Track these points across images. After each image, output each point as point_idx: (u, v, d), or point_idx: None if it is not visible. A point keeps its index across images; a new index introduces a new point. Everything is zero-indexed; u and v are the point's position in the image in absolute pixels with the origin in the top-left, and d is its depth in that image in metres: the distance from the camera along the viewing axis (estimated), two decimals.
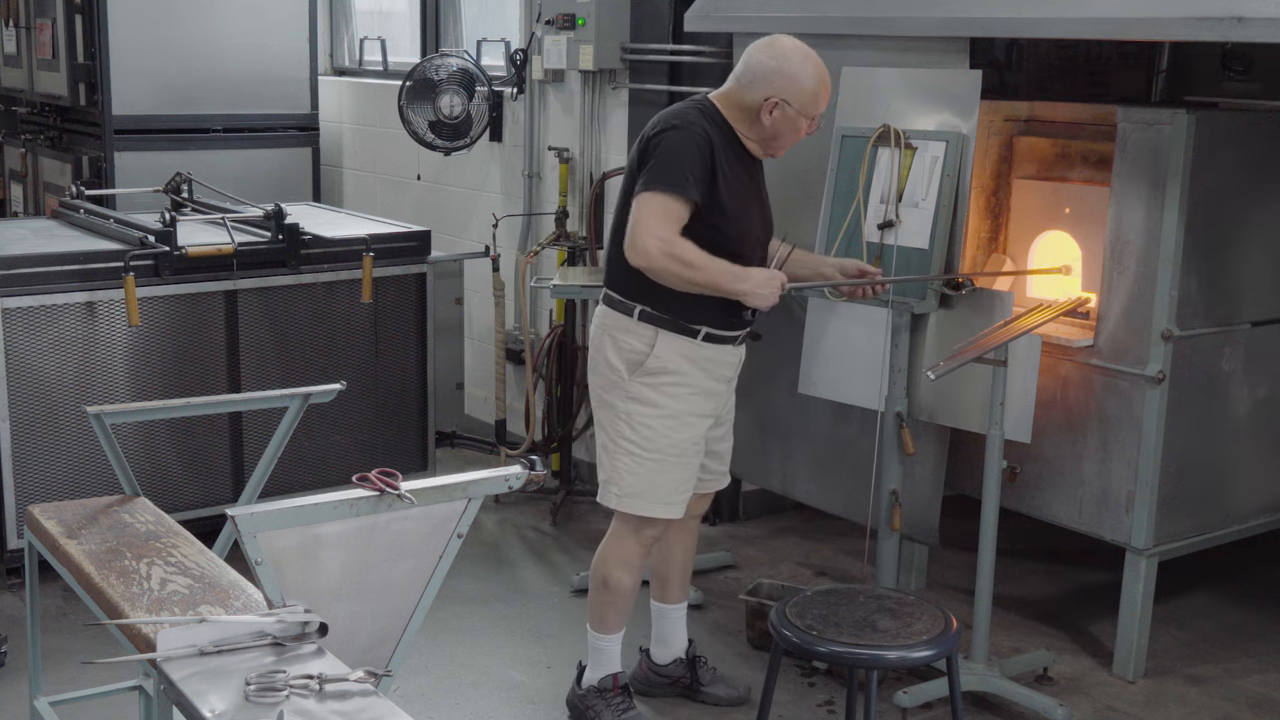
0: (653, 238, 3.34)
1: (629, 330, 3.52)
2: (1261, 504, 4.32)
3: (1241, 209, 3.99)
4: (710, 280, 3.39)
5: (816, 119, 3.53)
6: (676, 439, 3.55)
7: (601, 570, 3.68)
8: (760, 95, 3.45)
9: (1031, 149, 4.34)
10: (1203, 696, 4.01)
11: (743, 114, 3.49)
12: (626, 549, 3.64)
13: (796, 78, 3.44)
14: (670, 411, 3.53)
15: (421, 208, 6.62)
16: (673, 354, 3.50)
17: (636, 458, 3.54)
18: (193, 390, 4.62)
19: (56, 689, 3.67)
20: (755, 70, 3.47)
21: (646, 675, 3.95)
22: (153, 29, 6.33)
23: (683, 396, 3.53)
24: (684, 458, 3.58)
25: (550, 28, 5.45)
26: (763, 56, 3.47)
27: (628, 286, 3.51)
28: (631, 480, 3.56)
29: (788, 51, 3.47)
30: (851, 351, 4.22)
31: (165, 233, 4.62)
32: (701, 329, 3.50)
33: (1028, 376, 3.84)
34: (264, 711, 2.06)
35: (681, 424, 3.55)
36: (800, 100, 3.45)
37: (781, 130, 3.49)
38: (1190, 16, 3.39)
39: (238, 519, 2.31)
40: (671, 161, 3.36)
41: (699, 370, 3.54)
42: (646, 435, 3.53)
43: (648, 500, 3.57)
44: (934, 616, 2.99)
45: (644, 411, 3.53)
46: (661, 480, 3.56)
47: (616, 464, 3.58)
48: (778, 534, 5.27)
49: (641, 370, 3.51)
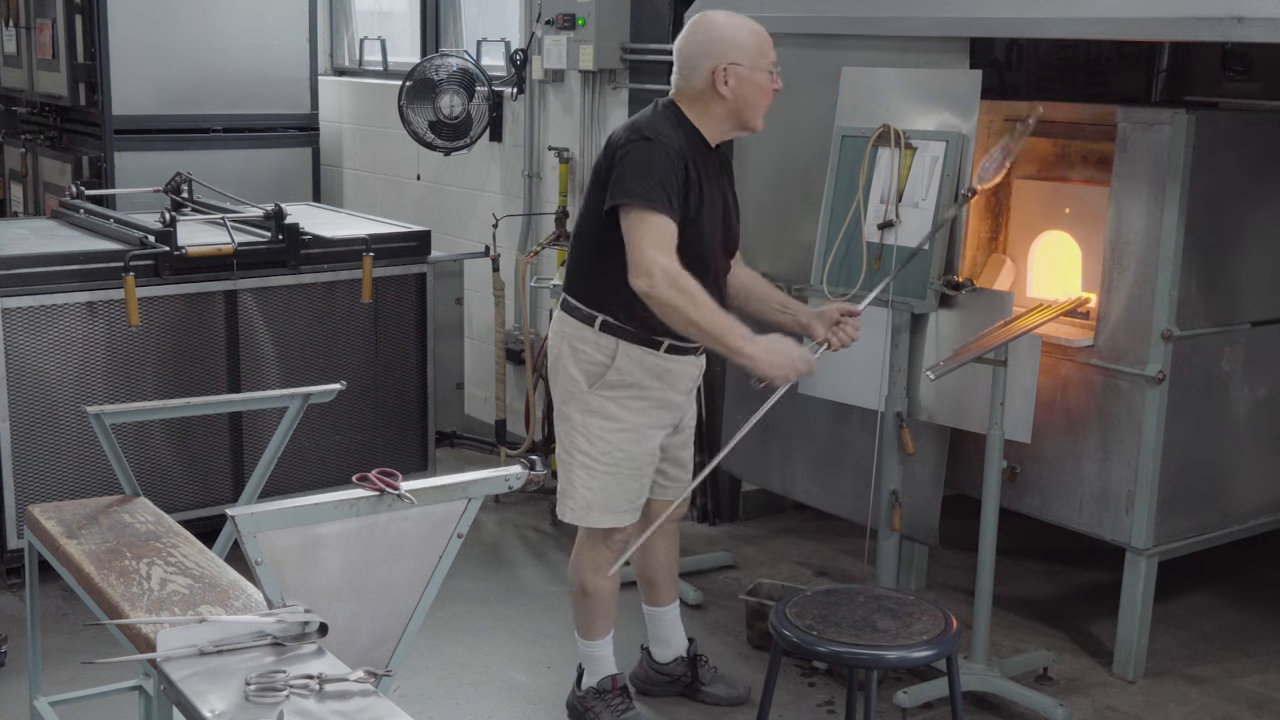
0: (657, 264, 3.20)
1: (589, 340, 3.44)
2: (1261, 504, 4.32)
3: (1241, 209, 3.99)
4: (711, 327, 3.24)
5: (775, 71, 3.41)
6: (633, 451, 3.49)
7: (578, 579, 3.64)
8: (706, 71, 3.36)
9: (1031, 149, 4.34)
10: (1203, 696, 4.01)
11: (702, 105, 3.39)
12: (598, 555, 3.60)
13: (730, 37, 3.36)
14: (628, 425, 3.46)
15: (421, 208, 6.62)
16: (634, 366, 3.42)
17: (591, 471, 3.48)
18: (193, 390, 4.62)
19: (56, 689, 3.67)
20: (689, 54, 3.40)
21: (647, 674, 3.95)
22: (153, 29, 6.33)
23: (642, 410, 3.47)
24: (637, 468, 3.51)
25: (550, 28, 5.46)
26: (691, 38, 3.41)
27: (589, 294, 3.44)
28: (585, 494, 3.50)
29: (711, 21, 3.40)
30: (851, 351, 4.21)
31: (165, 233, 4.62)
32: (664, 340, 3.42)
33: (1028, 376, 3.84)
34: (264, 711, 2.06)
35: (639, 437, 3.48)
36: (745, 55, 3.36)
37: (746, 94, 3.38)
38: (1190, 16, 3.39)
39: (238, 519, 2.31)
40: (648, 177, 3.26)
41: (660, 382, 3.47)
42: (603, 449, 3.46)
43: (600, 512, 3.51)
44: (934, 616, 2.99)
45: (602, 425, 3.45)
46: (615, 491, 3.50)
47: (572, 477, 3.52)
48: (778, 534, 5.27)
49: (601, 383, 3.43)
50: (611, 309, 3.41)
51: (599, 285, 3.41)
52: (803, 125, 4.39)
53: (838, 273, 4.08)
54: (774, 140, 4.54)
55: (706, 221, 3.39)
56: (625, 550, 3.57)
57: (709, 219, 3.40)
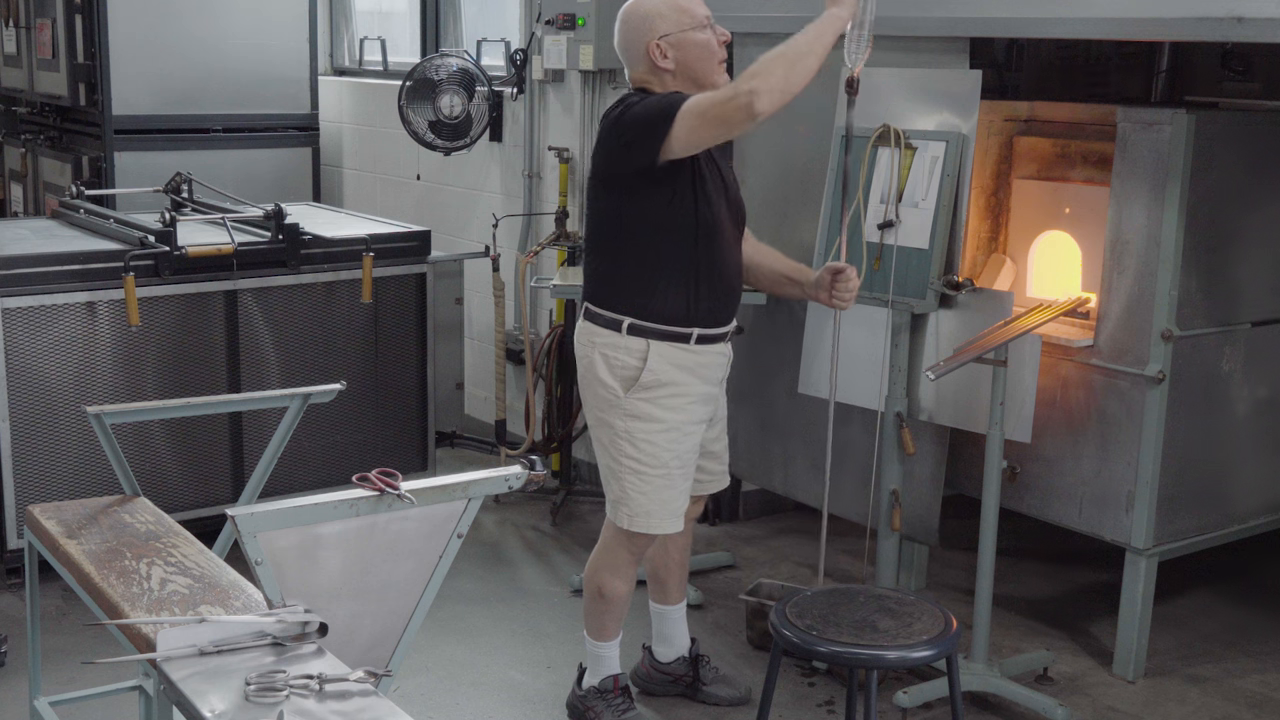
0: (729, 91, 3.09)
1: (619, 346, 3.43)
2: (1261, 504, 4.32)
3: (1241, 209, 3.99)
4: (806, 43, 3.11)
5: (712, 23, 3.36)
6: (679, 450, 3.49)
7: (595, 580, 3.64)
8: (641, 52, 3.36)
9: (1031, 149, 4.34)
10: (1203, 696, 4.01)
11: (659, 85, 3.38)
12: (619, 559, 3.60)
13: (647, 13, 3.36)
14: (671, 424, 3.46)
15: (421, 208, 6.62)
16: (666, 365, 3.42)
17: (643, 475, 3.47)
18: (193, 390, 4.62)
19: (56, 689, 3.67)
20: (622, 46, 3.41)
21: (649, 672, 3.95)
22: (153, 29, 6.33)
23: (681, 407, 3.47)
24: (686, 469, 3.53)
25: (550, 28, 5.45)
26: (618, 33, 3.42)
27: (611, 299, 3.44)
28: (641, 500, 3.49)
29: (628, 9, 3.40)
30: (851, 351, 4.21)
31: (165, 233, 4.62)
32: (693, 331, 3.42)
33: (1028, 376, 3.84)
34: (264, 711, 2.06)
35: (683, 435, 3.49)
36: (669, 22, 3.34)
37: (689, 58, 3.35)
38: (1190, 16, 3.39)
39: (238, 519, 2.31)
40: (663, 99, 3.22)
41: (694, 377, 3.47)
42: (650, 452, 3.46)
43: (659, 518, 3.51)
44: (934, 616, 2.99)
45: (645, 428, 3.45)
46: (669, 495, 3.50)
47: (624, 485, 3.49)
48: (778, 534, 5.27)
49: (638, 386, 3.42)
50: (635, 309, 3.40)
51: (618, 288, 3.40)
52: (803, 125, 4.39)
53: None
54: (774, 140, 4.55)
55: (711, 189, 3.38)
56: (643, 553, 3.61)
57: (713, 186, 3.39)
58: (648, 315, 3.40)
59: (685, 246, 3.36)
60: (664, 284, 3.39)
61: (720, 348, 3.54)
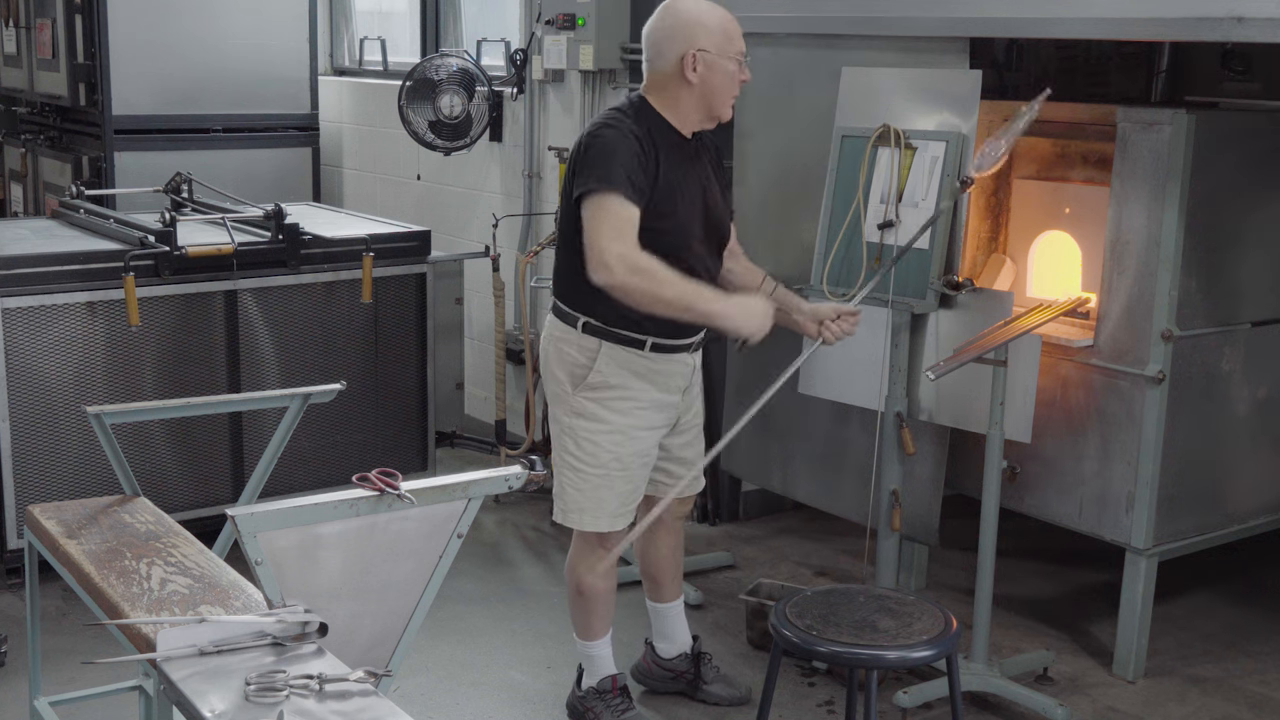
0: (611, 253, 3.17)
1: (572, 342, 3.43)
2: (1261, 504, 4.32)
3: (1241, 209, 3.99)
4: (680, 298, 3.21)
5: (744, 61, 3.39)
6: (621, 454, 3.47)
7: (574, 579, 3.64)
8: (675, 57, 3.35)
9: (1031, 149, 4.34)
10: (1203, 696, 4.01)
11: (670, 93, 3.39)
12: (592, 555, 3.59)
13: (698, 22, 3.36)
14: (615, 426, 3.44)
15: (421, 208, 6.62)
16: (615, 368, 3.41)
17: (580, 473, 3.47)
18: (193, 390, 4.62)
19: (56, 689, 3.67)
20: (656, 39, 3.40)
21: (650, 668, 3.95)
22: (153, 29, 6.33)
23: (629, 410, 3.44)
24: (628, 471, 3.50)
25: (550, 28, 5.45)
26: (658, 24, 3.41)
27: (573, 297, 3.43)
28: (575, 496, 3.49)
29: (678, 5, 3.40)
30: (851, 351, 4.21)
31: (165, 233, 4.62)
32: (648, 339, 3.40)
33: (1028, 376, 3.84)
34: (264, 711, 2.06)
35: (627, 439, 3.46)
36: (712, 40, 3.34)
37: (713, 82, 3.36)
38: (1190, 16, 3.39)
39: (238, 519, 2.31)
40: (604, 160, 3.25)
41: (645, 383, 3.45)
42: (590, 451, 3.45)
43: (592, 515, 3.50)
44: (934, 616, 2.99)
45: (588, 426, 3.44)
46: (605, 495, 3.48)
47: (562, 479, 3.52)
48: (778, 534, 5.27)
49: (585, 385, 3.43)
50: (593, 310, 3.39)
51: (578, 287, 3.38)
52: (803, 125, 4.39)
53: (838, 273, 4.08)
54: (774, 140, 4.55)
55: (681, 210, 3.36)
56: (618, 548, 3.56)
57: (683, 208, 3.37)
58: (603, 318, 3.39)
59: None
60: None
61: (682, 357, 3.50)
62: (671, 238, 3.34)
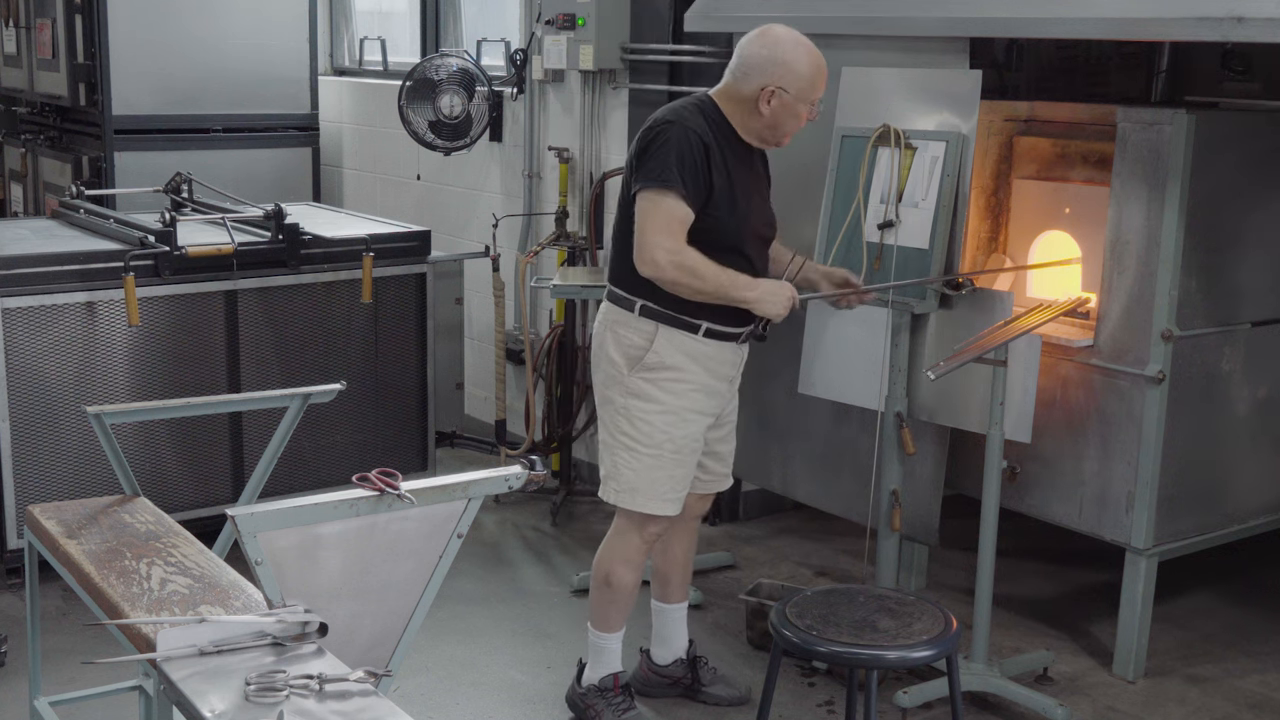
0: (660, 248, 3.35)
1: (629, 325, 3.52)
2: (1261, 504, 4.32)
3: (1241, 209, 3.99)
4: (718, 289, 3.41)
5: (817, 105, 3.51)
6: (675, 435, 3.54)
7: (604, 568, 3.67)
8: (756, 85, 3.43)
9: (1031, 149, 4.34)
10: (1203, 696, 4.01)
11: (740, 107, 3.48)
12: (629, 546, 3.64)
13: (791, 64, 3.42)
14: (669, 407, 3.53)
15: (421, 208, 6.62)
16: (672, 349, 3.50)
17: (635, 453, 3.54)
18: (193, 390, 4.62)
19: (56, 689, 3.67)
20: (749, 61, 3.46)
21: (647, 676, 3.95)
22: (153, 29, 6.33)
23: (682, 393, 3.53)
24: (681, 455, 3.57)
25: (550, 28, 5.45)
26: (756, 47, 3.46)
27: (629, 282, 3.51)
28: (629, 475, 3.56)
29: (781, 39, 3.46)
30: (851, 351, 4.22)
31: (165, 233, 4.62)
32: (702, 324, 3.50)
33: (1028, 376, 3.84)
34: (264, 711, 2.06)
35: (680, 420, 3.54)
36: (797, 86, 3.43)
37: (781, 119, 3.47)
38: (1190, 16, 3.39)
39: (238, 519, 2.31)
40: (664, 157, 3.35)
41: (699, 367, 3.53)
42: (645, 431, 3.53)
43: (645, 496, 3.57)
44: (934, 616, 2.99)
45: (643, 407, 3.52)
46: (658, 476, 3.56)
47: (615, 459, 3.58)
48: (778, 534, 5.27)
49: (641, 365, 3.51)
50: (650, 293, 3.48)
51: (636, 272, 3.46)
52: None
53: None
54: None
55: (741, 204, 3.47)
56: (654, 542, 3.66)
57: (742, 201, 3.47)
58: (660, 300, 3.48)
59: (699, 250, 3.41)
60: None
61: (731, 346, 3.58)
62: (733, 232, 3.46)
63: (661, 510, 3.59)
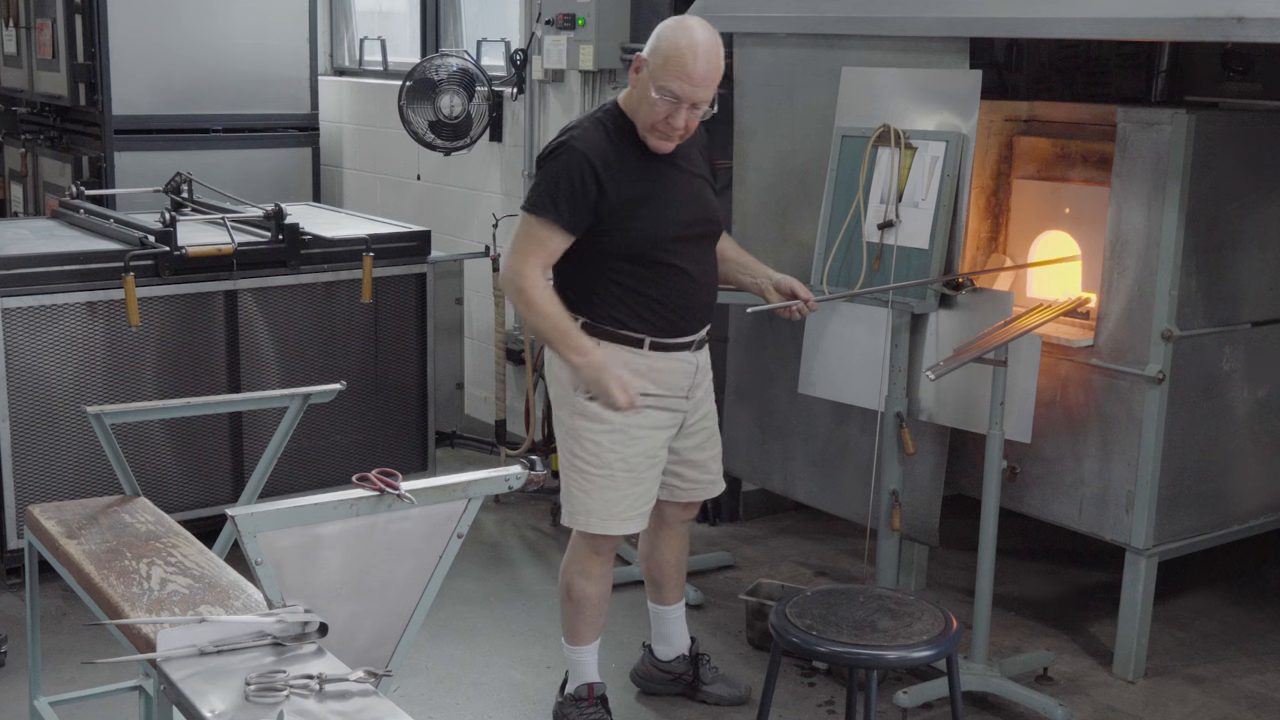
0: (512, 270, 3.38)
1: None
2: (1261, 504, 4.32)
3: (1241, 209, 3.99)
4: (547, 335, 3.40)
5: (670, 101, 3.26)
6: (626, 454, 3.46)
7: (564, 581, 3.62)
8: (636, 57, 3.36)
9: (1031, 149, 4.34)
10: (1203, 696, 4.01)
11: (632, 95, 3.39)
12: (584, 559, 3.58)
13: (660, 38, 3.31)
14: (616, 426, 3.43)
15: (421, 208, 6.62)
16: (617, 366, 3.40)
17: (586, 474, 3.47)
18: (193, 390, 4.62)
19: (56, 689, 3.67)
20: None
21: (649, 670, 3.95)
22: (153, 29, 6.33)
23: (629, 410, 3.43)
24: (635, 473, 3.48)
25: (550, 28, 5.46)
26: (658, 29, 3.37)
27: (570, 298, 3.45)
28: (581, 498, 3.48)
29: (679, 22, 3.33)
30: (851, 351, 4.22)
31: (165, 233, 4.62)
32: (645, 338, 3.42)
33: (1028, 376, 3.84)
34: (264, 711, 2.06)
35: (629, 438, 3.46)
36: (654, 61, 3.27)
37: (638, 96, 3.32)
38: (1190, 16, 3.39)
39: (238, 519, 2.31)
40: (547, 183, 3.35)
41: (647, 381, 3.45)
42: (594, 451, 3.45)
43: (600, 518, 3.49)
44: (934, 616, 2.99)
45: (590, 426, 3.44)
46: (612, 496, 3.47)
47: (568, 481, 3.51)
48: (778, 534, 5.27)
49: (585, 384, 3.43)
50: (588, 310, 3.43)
51: (575, 289, 3.43)
52: (803, 125, 4.39)
53: (838, 273, 4.08)
54: (774, 140, 4.55)
55: (649, 211, 3.37)
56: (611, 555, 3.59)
57: (654, 208, 3.38)
58: (599, 318, 3.42)
59: (625, 267, 3.38)
60: (612, 296, 3.42)
61: (683, 355, 3.50)
62: (644, 241, 3.38)
63: (620, 530, 3.52)
